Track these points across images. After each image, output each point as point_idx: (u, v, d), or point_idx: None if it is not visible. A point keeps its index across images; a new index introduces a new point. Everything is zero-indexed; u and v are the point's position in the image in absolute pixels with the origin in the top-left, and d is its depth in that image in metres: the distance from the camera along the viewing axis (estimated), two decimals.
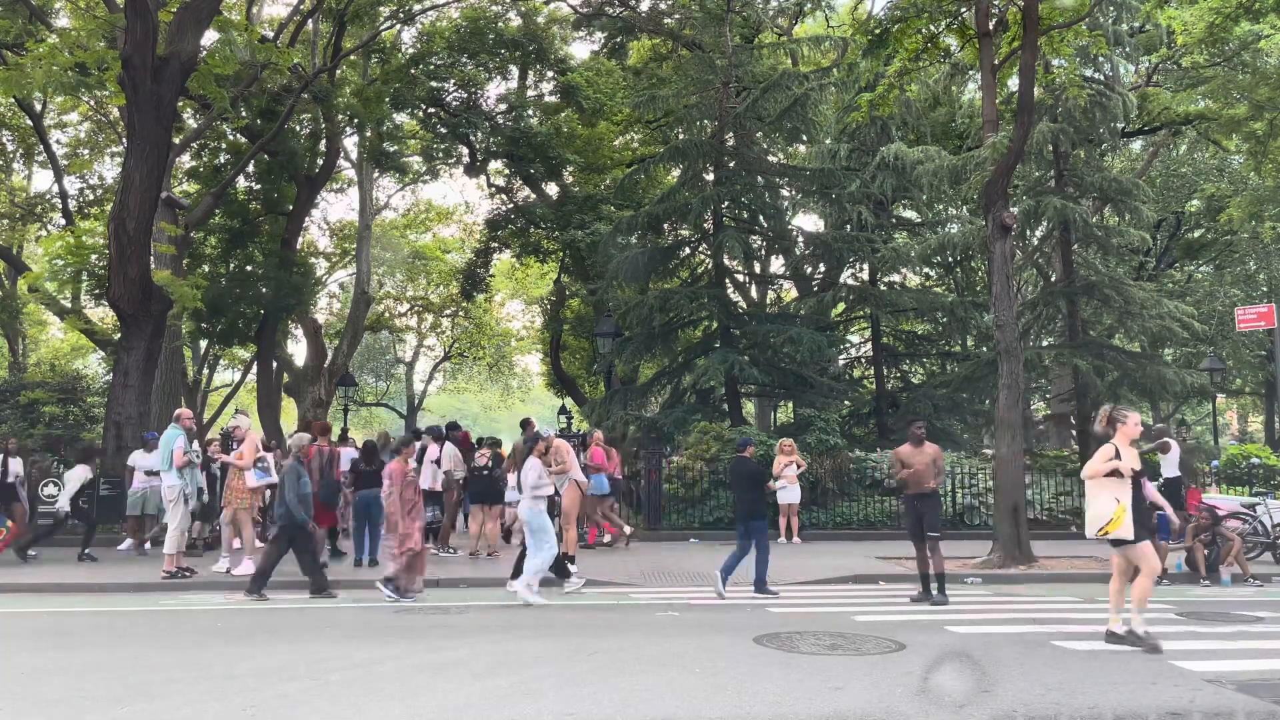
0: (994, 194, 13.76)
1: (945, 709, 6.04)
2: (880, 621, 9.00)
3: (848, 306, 24.20)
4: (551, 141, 26.45)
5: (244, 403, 41.67)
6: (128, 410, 16.32)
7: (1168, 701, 6.15)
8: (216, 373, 44.05)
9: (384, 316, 41.89)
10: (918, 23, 14.58)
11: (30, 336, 38.23)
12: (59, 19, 24.65)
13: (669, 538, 16.08)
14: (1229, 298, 28.05)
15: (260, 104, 25.15)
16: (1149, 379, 19.20)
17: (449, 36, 26.83)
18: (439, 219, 42.61)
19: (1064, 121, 19.30)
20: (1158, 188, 27.26)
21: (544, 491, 10.53)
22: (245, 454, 12.11)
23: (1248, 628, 9.04)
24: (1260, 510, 13.95)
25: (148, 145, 16.02)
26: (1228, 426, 48.06)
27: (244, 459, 12.06)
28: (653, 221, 22.16)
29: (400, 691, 6.31)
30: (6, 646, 8.08)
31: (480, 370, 50.18)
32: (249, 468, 12.05)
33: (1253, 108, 20.85)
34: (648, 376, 26.50)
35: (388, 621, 9.20)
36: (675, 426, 20.16)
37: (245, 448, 12.19)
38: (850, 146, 22.73)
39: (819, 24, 30.82)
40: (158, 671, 6.90)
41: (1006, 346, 13.55)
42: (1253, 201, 23.90)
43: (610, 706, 5.99)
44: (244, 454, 12.12)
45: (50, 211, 31.61)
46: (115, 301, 16.66)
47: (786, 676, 6.73)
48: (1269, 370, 30.94)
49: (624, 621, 9.15)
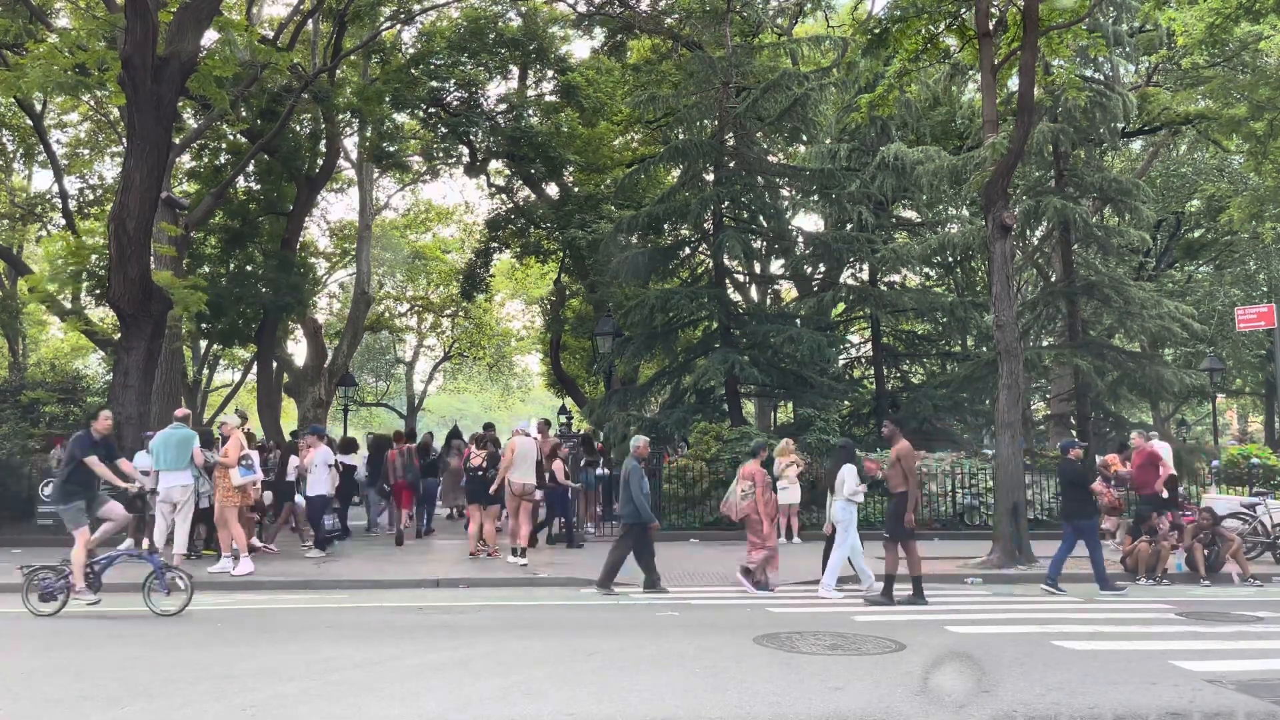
0: (994, 194, 13.76)
1: (945, 709, 6.04)
2: (880, 621, 9.00)
3: (848, 307, 24.19)
4: (552, 141, 26.44)
5: (244, 403, 41.67)
6: (128, 410, 16.28)
7: (1168, 701, 6.15)
8: (216, 373, 44.06)
9: (384, 316, 41.91)
10: (917, 23, 14.57)
11: (30, 336, 38.25)
12: (59, 19, 24.66)
13: (669, 538, 16.06)
14: (1229, 298, 28.05)
15: (260, 104, 25.15)
16: (1149, 379, 19.20)
17: (449, 36, 26.82)
18: (439, 219, 42.61)
19: (1064, 121, 19.30)
20: (1158, 188, 27.26)
21: (858, 498, 11.06)
22: (230, 451, 12.11)
23: (1248, 628, 9.04)
24: (1260, 510, 13.94)
25: (148, 145, 16.01)
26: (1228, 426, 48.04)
27: (229, 456, 12.07)
28: (653, 221, 22.15)
29: (400, 691, 6.31)
30: (6, 646, 8.08)
31: (480, 370, 50.18)
32: (233, 465, 12.05)
33: (1253, 108, 20.85)
34: (648, 376, 26.49)
35: (387, 621, 9.20)
36: (675, 426, 20.15)
37: (230, 445, 12.18)
38: (850, 146, 22.73)
39: (819, 24, 30.82)
40: (158, 671, 6.90)
41: (1006, 346, 13.55)
42: (1253, 201, 23.89)
43: (610, 706, 5.99)
44: (229, 451, 12.12)
45: (50, 211, 31.61)
46: (115, 301, 16.64)
47: (786, 676, 6.73)
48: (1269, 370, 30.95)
49: (624, 621, 9.15)
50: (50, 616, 9.09)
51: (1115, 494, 15.08)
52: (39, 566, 9.44)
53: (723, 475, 16.62)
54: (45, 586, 9.22)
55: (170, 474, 11.86)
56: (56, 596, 9.19)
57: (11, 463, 15.98)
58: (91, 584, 9.37)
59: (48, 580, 9.25)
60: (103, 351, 27.51)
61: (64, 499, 9.59)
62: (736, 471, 11.71)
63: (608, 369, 23.63)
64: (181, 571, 9.54)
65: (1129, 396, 21.35)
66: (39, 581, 9.26)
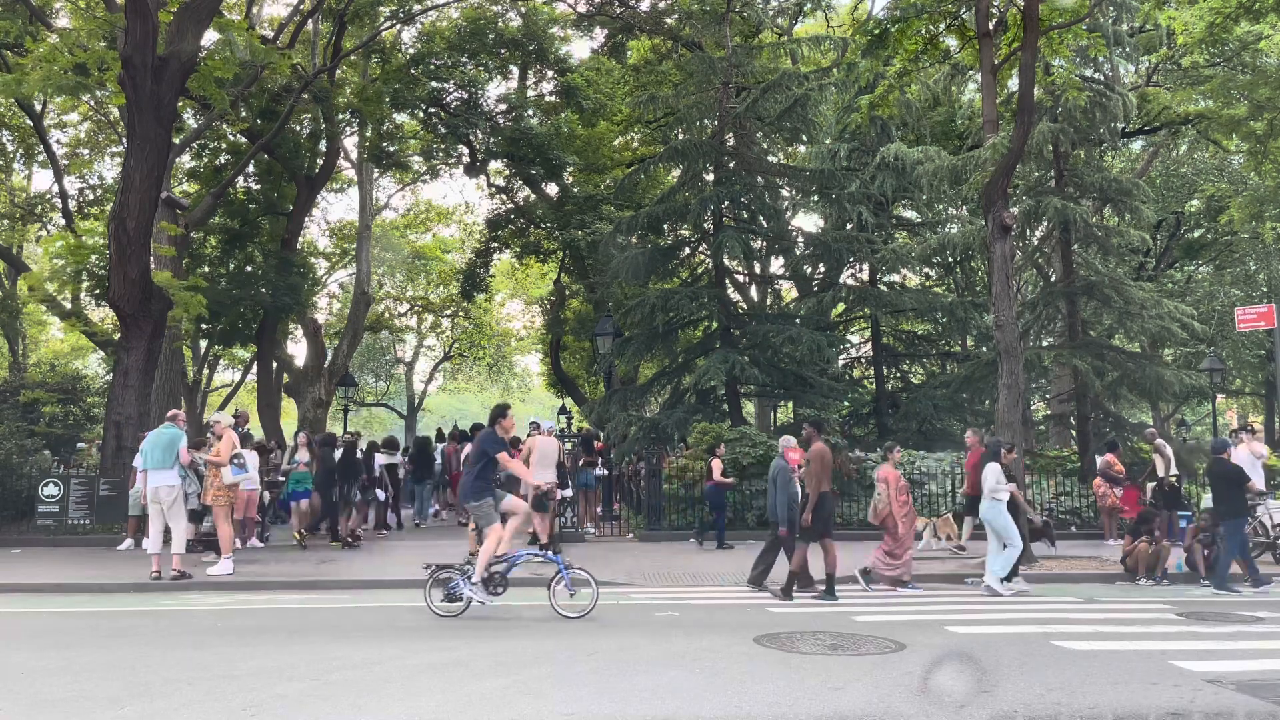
0: (994, 194, 13.76)
1: (945, 709, 6.04)
2: (880, 621, 9.00)
3: (848, 307, 24.19)
4: (551, 142, 26.44)
5: (244, 403, 41.67)
6: (128, 410, 16.31)
7: (1168, 701, 6.15)
8: (216, 373, 44.05)
9: (384, 316, 41.90)
10: (918, 23, 14.55)
11: (30, 336, 38.22)
12: (59, 19, 24.65)
13: (669, 538, 16.08)
14: (1229, 298, 28.02)
15: (260, 104, 25.16)
16: (1148, 379, 19.18)
17: (449, 36, 26.82)
18: (439, 219, 42.62)
19: (1064, 121, 19.28)
20: (1158, 188, 27.25)
21: (1002, 495, 11.16)
22: (221, 450, 12.11)
23: (1248, 628, 9.04)
24: (1260, 510, 13.93)
25: (148, 145, 16.02)
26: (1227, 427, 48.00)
27: (220, 455, 12.07)
28: (653, 221, 22.16)
29: (400, 691, 6.31)
30: (6, 646, 8.07)
31: (480, 370, 50.20)
32: (224, 464, 12.06)
33: (1253, 108, 20.84)
34: (648, 376, 26.50)
35: (388, 621, 9.20)
36: (676, 426, 20.15)
37: (222, 444, 12.19)
38: (850, 147, 22.71)
39: (819, 24, 30.82)
40: (158, 671, 6.90)
41: (1006, 346, 13.54)
42: (1253, 201, 23.87)
43: (610, 706, 5.99)
44: (220, 450, 12.12)
45: (50, 211, 31.60)
46: (115, 301, 16.66)
47: (786, 676, 6.73)
48: (1269, 370, 30.93)
49: (624, 621, 9.14)
50: (452, 617, 9.06)
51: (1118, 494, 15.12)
52: (441, 565, 9.45)
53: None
54: (451, 588, 9.18)
55: (157, 473, 11.70)
56: (461, 596, 9.15)
57: (11, 463, 16.00)
58: (494, 584, 9.22)
59: (454, 582, 9.20)
60: (103, 351, 27.51)
61: (476, 496, 9.46)
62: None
63: (608, 369, 23.63)
64: (586, 571, 9.35)
65: (1129, 397, 21.32)
66: (441, 579, 9.27)
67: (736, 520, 16.37)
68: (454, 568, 9.39)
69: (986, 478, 11.31)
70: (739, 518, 16.42)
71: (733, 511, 16.46)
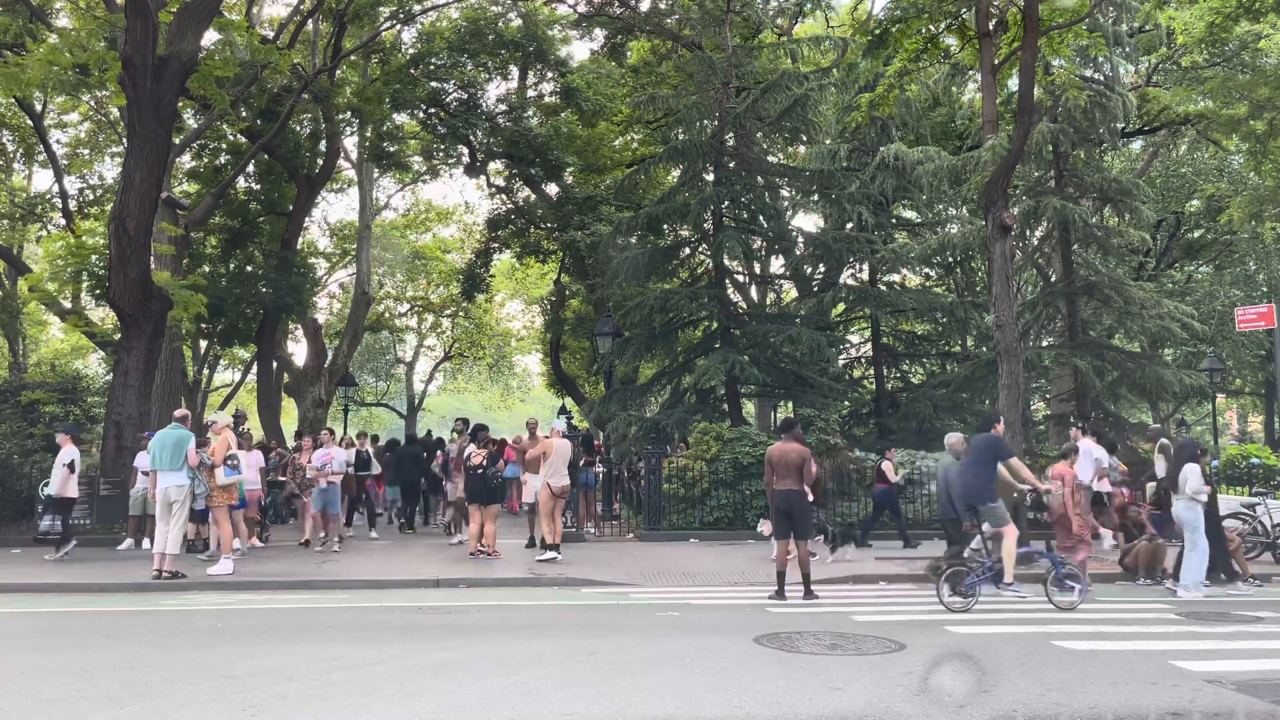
0: (994, 194, 13.76)
1: (945, 709, 6.05)
2: (880, 621, 9.00)
3: (847, 307, 24.18)
4: (551, 142, 26.42)
5: (244, 403, 41.68)
6: (128, 410, 16.31)
7: (1168, 701, 6.15)
8: (216, 373, 44.05)
9: (384, 316, 41.90)
10: (918, 23, 14.57)
11: (30, 336, 38.23)
12: (59, 19, 24.65)
13: (669, 538, 16.08)
14: (1229, 298, 28.04)
15: (260, 104, 25.15)
16: (1148, 379, 19.19)
17: (449, 37, 26.81)
18: (439, 219, 42.64)
19: (1064, 122, 19.29)
20: (1158, 188, 27.25)
21: (1201, 497, 11.10)
22: (216, 451, 12.12)
23: (1248, 628, 9.04)
24: (1260, 510, 13.94)
25: (148, 145, 16.02)
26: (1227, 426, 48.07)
27: (215, 455, 12.07)
28: (653, 222, 22.15)
29: (400, 692, 6.31)
30: (6, 646, 8.08)
31: (480, 370, 50.20)
32: (219, 464, 12.07)
33: (1253, 107, 20.83)
34: (648, 376, 26.49)
35: (387, 621, 9.20)
36: (676, 426, 20.14)
37: (217, 445, 12.19)
38: (850, 147, 22.70)
39: (819, 24, 30.81)
40: (157, 671, 6.90)
41: (1006, 346, 13.55)
42: (1253, 201, 23.87)
43: (610, 706, 5.99)
44: (215, 451, 12.13)
45: (50, 211, 31.60)
46: (115, 301, 16.65)
47: (786, 676, 6.73)
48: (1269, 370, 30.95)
49: (624, 621, 9.15)
50: (962, 613, 9.36)
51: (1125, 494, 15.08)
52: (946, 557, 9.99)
53: (723, 475, 16.64)
54: (968, 584, 9.59)
55: (167, 474, 11.79)
56: (973, 592, 9.58)
57: (11, 463, 16.00)
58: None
59: (969, 579, 9.64)
60: (103, 351, 27.49)
61: (991, 498, 10.10)
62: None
63: (608, 369, 23.62)
64: (1075, 568, 9.86)
65: (1129, 397, 21.33)
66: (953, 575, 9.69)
67: (736, 519, 16.39)
68: (962, 562, 9.96)
69: (1188, 479, 11.06)
70: (739, 517, 16.43)
71: (733, 511, 16.48)
